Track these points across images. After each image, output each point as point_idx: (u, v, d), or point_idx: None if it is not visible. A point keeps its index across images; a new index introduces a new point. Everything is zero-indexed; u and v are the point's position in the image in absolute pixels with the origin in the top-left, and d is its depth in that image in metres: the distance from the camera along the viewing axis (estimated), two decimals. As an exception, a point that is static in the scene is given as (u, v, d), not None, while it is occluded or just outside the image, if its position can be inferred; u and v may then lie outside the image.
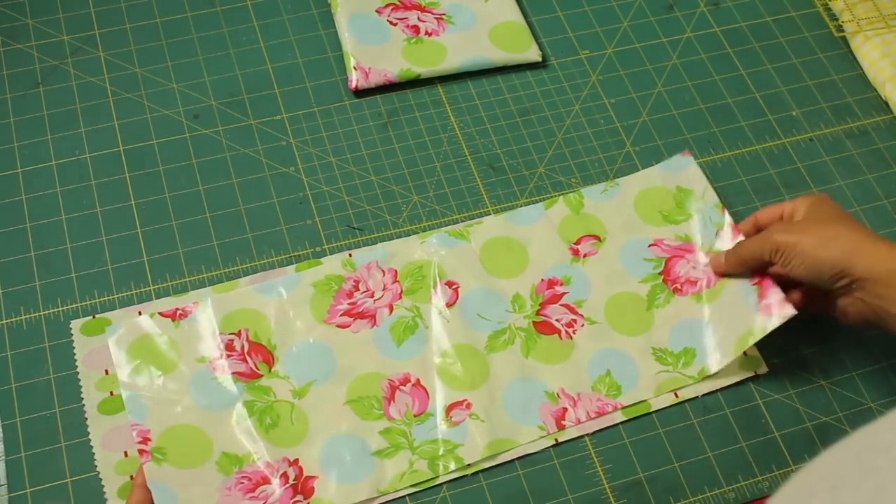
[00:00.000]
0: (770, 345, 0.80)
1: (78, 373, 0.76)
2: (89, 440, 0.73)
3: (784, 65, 0.97)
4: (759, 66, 0.97)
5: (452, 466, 0.74)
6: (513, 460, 0.75)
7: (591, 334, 0.81)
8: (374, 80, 0.92)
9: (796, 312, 0.74)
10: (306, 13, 0.96)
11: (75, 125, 0.88)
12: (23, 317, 0.79)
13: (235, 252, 0.83)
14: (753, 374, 0.79)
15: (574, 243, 0.85)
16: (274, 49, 0.94)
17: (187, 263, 0.82)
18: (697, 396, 0.78)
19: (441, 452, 0.75)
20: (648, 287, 0.83)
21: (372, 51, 0.94)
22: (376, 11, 0.96)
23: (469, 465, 0.74)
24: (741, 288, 0.78)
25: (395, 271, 0.82)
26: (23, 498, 0.71)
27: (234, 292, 0.80)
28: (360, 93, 0.92)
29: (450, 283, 0.81)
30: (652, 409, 0.77)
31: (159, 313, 0.78)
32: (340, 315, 0.80)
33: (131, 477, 0.72)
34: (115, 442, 0.73)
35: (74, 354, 0.76)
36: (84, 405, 0.74)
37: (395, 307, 0.80)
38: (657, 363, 0.79)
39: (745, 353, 0.79)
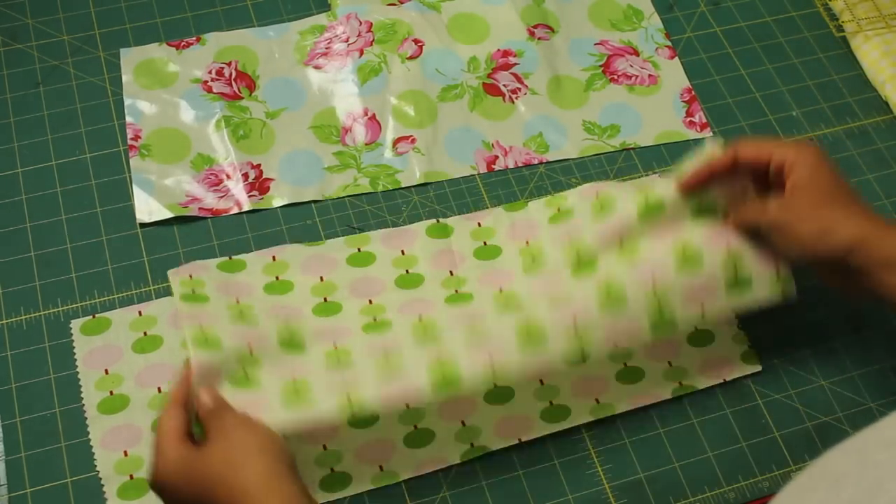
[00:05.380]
0: (770, 345, 0.81)
1: (78, 372, 0.76)
2: (89, 440, 0.73)
3: (784, 65, 0.97)
4: (759, 66, 0.97)
5: (390, 187, 0.86)
6: (513, 461, 0.75)
7: (531, 102, 0.92)
8: None
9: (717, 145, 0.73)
10: (307, 13, 0.96)
11: (75, 125, 0.88)
12: (23, 317, 0.79)
13: (235, 252, 0.83)
14: (747, 369, 0.78)
15: (532, 27, 0.94)
16: (274, 49, 0.94)
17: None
18: (696, 392, 0.78)
19: (382, 175, 0.87)
20: (589, 74, 0.94)
21: None
22: None
23: (405, 187, 0.85)
24: (672, 98, 0.93)
25: (371, 23, 0.93)
26: (23, 498, 0.71)
27: (231, 32, 0.93)
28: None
29: (416, 41, 0.91)
30: (617, 412, 0.77)
31: (167, 43, 0.91)
32: (318, 57, 0.90)
33: (131, 476, 0.72)
34: (114, 442, 0.73)
35: (74, 354, 0.76)
36: (84, 405, 0.74)
37: (364, 52, 0.91)
38: (584, 132, 0.91)
39: (733, 337, 0.79)
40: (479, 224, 0.84)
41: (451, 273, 0.81)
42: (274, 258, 0.81)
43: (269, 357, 0.71)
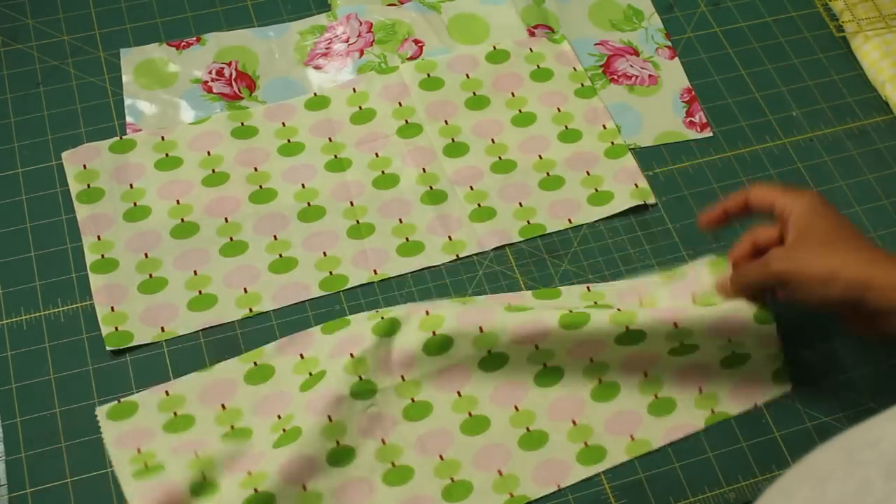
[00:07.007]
0: (770, 345, 0.81)
1: (110, 456, 0.72)
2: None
3: (784, 65, 0.97)
4: (759, 66, 0.97)
5: None
6: (513, 460, 0.75)
7: None
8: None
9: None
10: (307, 13, 0.96)
11: (75, 125, 0.88)
12: (23, 317, 0.79)
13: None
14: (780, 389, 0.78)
15: (532, 27, 0.95)
16: (274, 49, 0.94)
17: (187, 263, 0.82)
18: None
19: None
20: (590, 74, 0.94)
21: None
22: None
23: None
24: (672, 98, 0.93)
25: (371, 24, 0.94)
26: (23, 498, 0.71)
27: (231, 32, 0.94)
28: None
29: (416, 41, 0.92)
30: (654, 448, 0.75)
31: (167, 43, 0.92)
32: (318, 57, 0.92)
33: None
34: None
35: (102, 438, 0.73)
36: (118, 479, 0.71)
37: (364, 52, 0.92)
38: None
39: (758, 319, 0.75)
40: (354, 90, 0.90)
41: (330, 139, 0.87)
42: (162, 138, 0.86)
43: (166, 255, 0.80)
